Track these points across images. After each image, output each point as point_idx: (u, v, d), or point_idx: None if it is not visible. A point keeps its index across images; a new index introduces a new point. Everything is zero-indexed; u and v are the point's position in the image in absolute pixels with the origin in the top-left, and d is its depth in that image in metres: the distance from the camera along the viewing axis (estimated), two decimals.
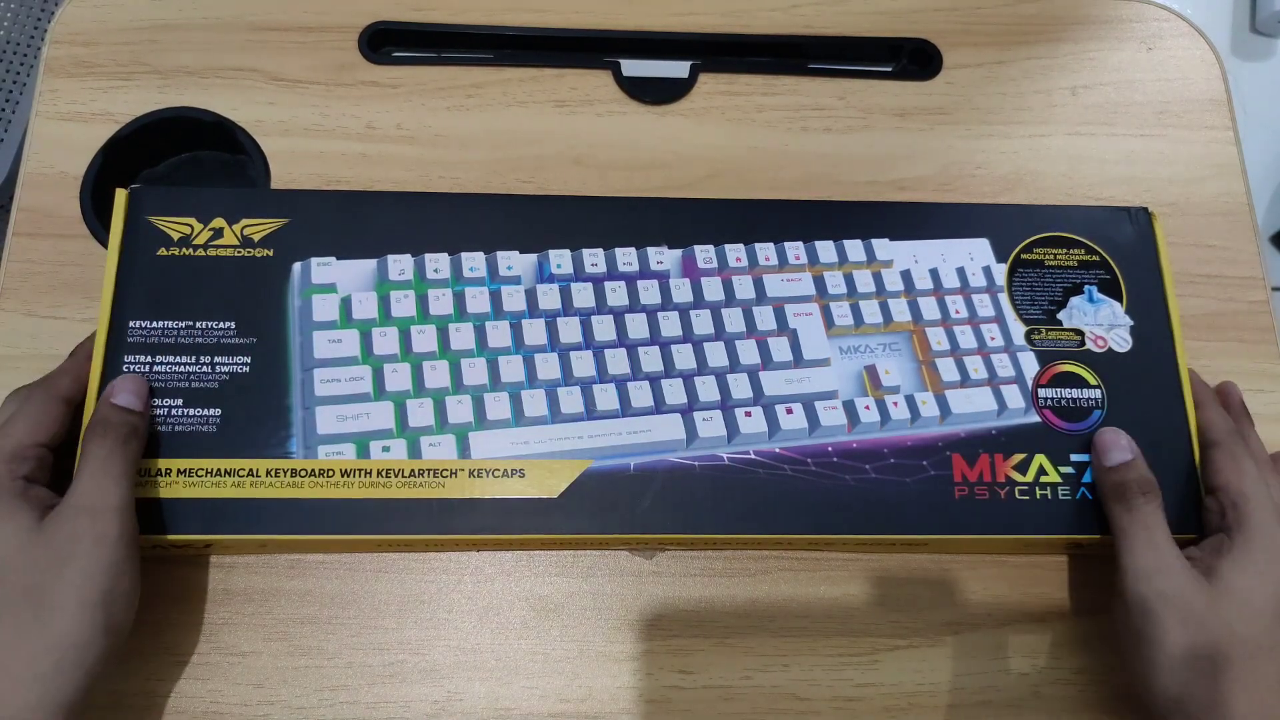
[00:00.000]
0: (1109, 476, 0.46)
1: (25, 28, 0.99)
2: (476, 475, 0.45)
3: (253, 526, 0.44)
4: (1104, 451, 0.47)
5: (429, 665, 0.47)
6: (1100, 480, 0.47)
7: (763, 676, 0.48)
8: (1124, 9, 0.63)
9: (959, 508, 0.46)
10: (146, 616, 0.47)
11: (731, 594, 0.49)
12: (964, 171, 0.58)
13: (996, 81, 0.61)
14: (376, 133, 0.57)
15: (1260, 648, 0.41)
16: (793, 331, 0.49)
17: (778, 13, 0.61)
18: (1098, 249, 0.52)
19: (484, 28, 0.60)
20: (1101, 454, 0.47)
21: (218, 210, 0.49)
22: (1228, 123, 0.60)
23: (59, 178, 0.55)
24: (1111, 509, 0.45)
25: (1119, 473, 0.46)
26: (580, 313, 0.49)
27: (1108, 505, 0.46)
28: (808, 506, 0.46)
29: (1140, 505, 0.44)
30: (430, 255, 0.49)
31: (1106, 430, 0.47)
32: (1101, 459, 0.47)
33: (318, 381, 0.46)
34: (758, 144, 0.58)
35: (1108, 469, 0.46)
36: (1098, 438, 0.47)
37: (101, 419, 0.43)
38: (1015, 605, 0.50)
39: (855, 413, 0.48)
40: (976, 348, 0.50)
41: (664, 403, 0.47)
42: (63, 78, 0.57)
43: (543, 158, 0.57)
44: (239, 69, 0.58)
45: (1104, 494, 0.46)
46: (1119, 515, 0.45)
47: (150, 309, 0.47)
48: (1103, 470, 0.46)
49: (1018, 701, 0.48)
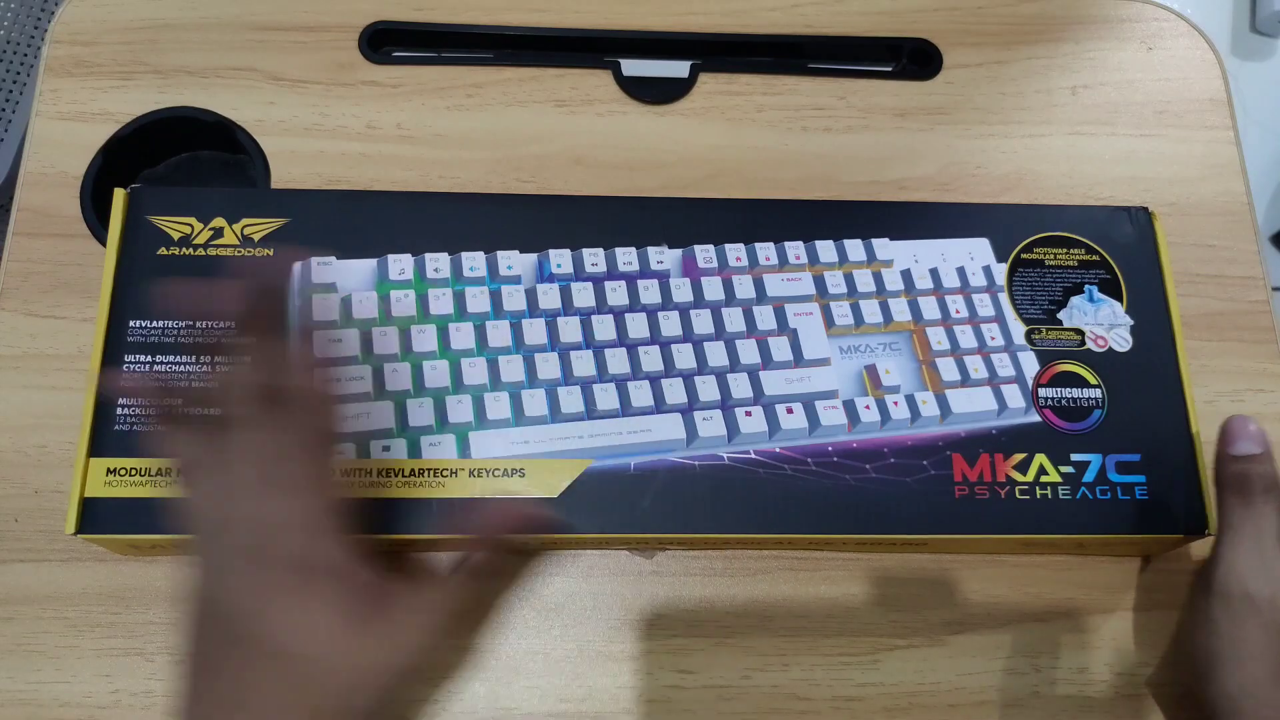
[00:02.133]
0: (1233, 466, 0.44)
1: (25, 28, 0.99)
2: (476, 475, 0.45)
3: None
4: (1232, 439, 0.44)
5: (429, 665, 0.47)
6: (1222, 468, 0.44)
7: (763, 676, 0.48)
8: (1124, 9, 0.63)
9: (959, 507, 0.46)
10: (147, 616, 0.47)
11: (731, 594, 0.49)
12: (964, 171, 0.58)
13: (996, 81, 0.61)
14: (376, 133, 0.57)
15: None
16: (793, 331, 0.49)
17: (778, 13, 0.61)
18: (1098, 249, 0.52)
19: (484, 28, 0.60)
20: (1229, 440, 0.44)
21: (218, 210, 0.49)
22: (1228, 123, 0.60)
23: (59, 178, 0.55)
24: (1227, 499, 0.44)
25: (1244, 464, 0.43)
26: (580, 312, 0.49)
27: (1224, 494, 0.44)
28: (808, 506, 0.46)
29: (1259, 503, 0.43)
30: (430, 255, 0.49)
31: (1237, 417, 0.45)
32: (1228, 446, 0.44)
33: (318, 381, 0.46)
34: (758, 144, 0.58)
35: (1233, 458, 0.44)
36: (1227, 423, 0.44)
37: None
38: (1015, 605, 0.49)
39: (855, 412, 0.48)
40: (977, 347, 0.50)
41: (664, 402, 0.47)
42: (63, 78, 0.57)
43: (543, 157, 0.57)
44: (239, 69, 0.58)
45: (1223, 482, 0.44)
46: (1234, 507, 0.43)
47: (150, 309, 0.47)
48: (1227, 458, 0.44)
49: (1018, 701, 0.48)
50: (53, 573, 0.48)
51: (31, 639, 0.47)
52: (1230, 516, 0.43)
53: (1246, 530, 0.43)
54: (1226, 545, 0.43)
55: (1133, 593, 0.49)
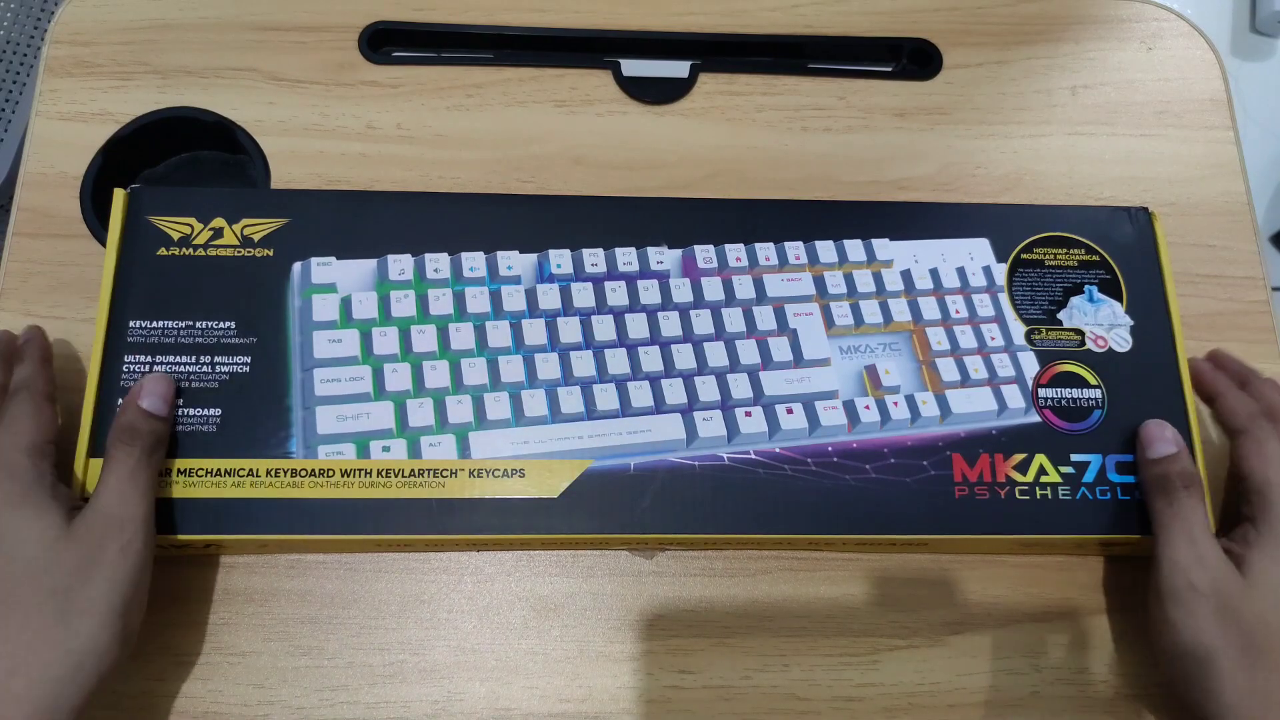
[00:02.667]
0: (1152, 469, 0.46)
1: (25, 28, 0.99)
2: (476, 475, 0.45)
3: (253, 526, 0.44)
4: (1148, 443, 0.46)
5: (429, 665, 0.47)
6: (1143, 472, 0.46)
7: (762, 676, 0.48)
8: (1124, 9, 0.63)
9: (959, 508, 0.46)
10: (147, 616, 0.47)
11: (731, 594, 0.49)
12: (964, 171, 0.58)
13: (996, 81, 0.61)
14: (376, 133, 0.57)
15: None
16: (793, 331, 0.49)
17: (778, 13, 0.61)
18: (1098, 249, 0.52)
19: (484, 28, 0.60)
20: (1146, 446, 0.46)
21: (218, 210, 0.49)
22: (1228, 123, 0.60)
23: (59, 178, 0.55)
24: (1153, 501, 0.45)
25: (1162, 465, 0.45)
26: (580, 312, 0.49)
27: (1149, 497, 0.46)
28: (808, 506, 0.46)
29: (1181, 499, 0.44)
30: (430, 255, 0.49)
31: (1152, 422, 0.47)
32: (1145, 451, 0.46)
33: (318, 381, 0.46)
34: (758, 144, 0.58)
35: (1151, 461, 0.46)
36: (1143, 429, 0.47)
37: (128, 426, 0.43)
38: (1015, 605, 0.49)
39: (855, 413, 0.48)
40: (976, 348, 0.50)
41: (664, 403, 0.47)
42: (63, 78, 0.57)
43: (543, 158, 0.57)
44: (239, 69, 0.58)
45: (1146, 486, 0.46)
46: (1160, 508, 0.45)
47: (150, 309, 0.47)
48: (1146, 462, 0.46)
49: (1018, 701, 0.48)
50: None
51: None
52: (1159, 518, 0.45)
53: (1176, 528, 0.44)
54: (1162, 546, 0.44)
55: (1132, 593, 0.49)
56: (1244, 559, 0.43)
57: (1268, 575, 0.42)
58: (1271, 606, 0.42)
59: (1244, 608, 0.41)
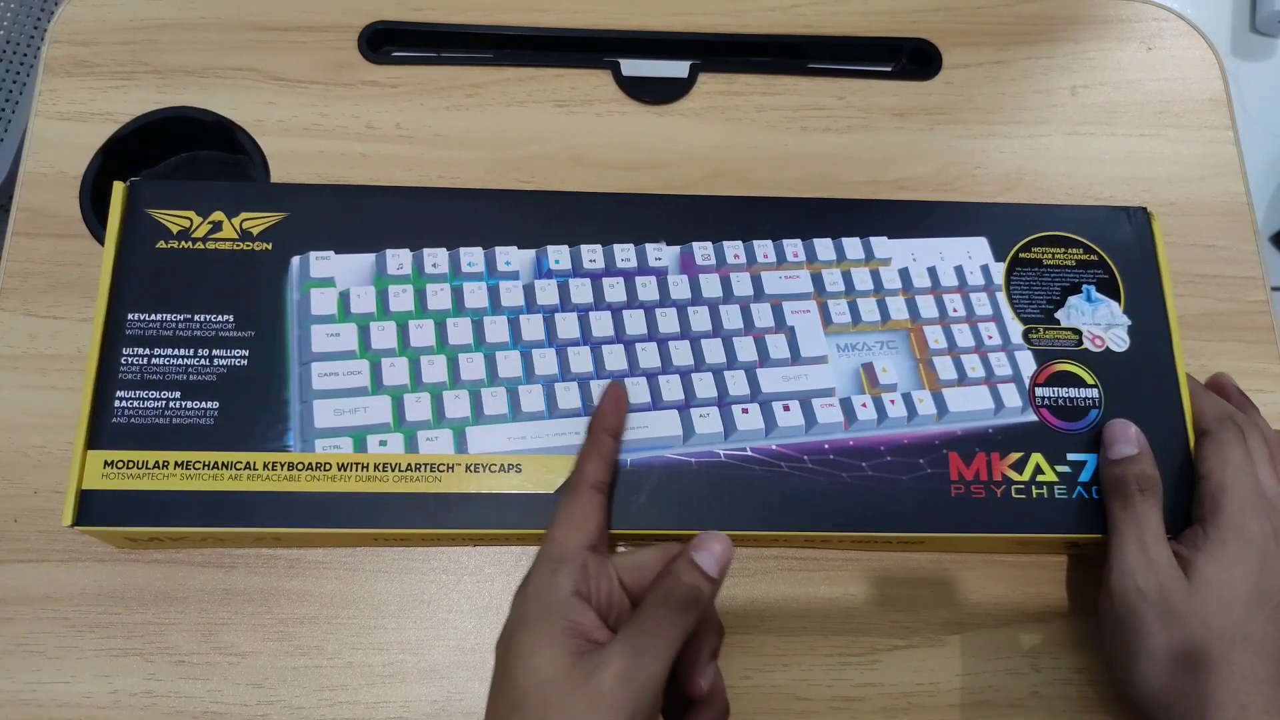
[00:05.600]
0: (1111, 469, 0.46)
1: (25, 28, 0.99)
2: (473, 470, 0.45)
3: (249, 519, 0.44)
4: (1109, 444, 0.46)
5: (429, 665, 0.47)
6: (1102, 472, 0.46)
7: (762, 676, 0.48)
8: (1124, 9, 0.63)
9: (955, 506, 0.46)
10: (146, 616, 0.47)
11: (730, 593, 0.49)
12: (963, 171, 0.58)
13: (996, 81, 0.61)
14: (376, 132, 0.57)
15: (1234, 640, 0.41)
16: (790, 329, 0.49)
17: (778, 13, 0.62)
18: (1096, 248, 0.51)
19: (484, 28, 0.60)
20: (1107, 446, 0.46)
21: (217, 203, 0.49)
22: (1227, 123, 0.60)
23: (59, 178, 0.55)
24: (1109, 503, 0.45)
25: (1121, 466, 0.45)
26: (578, 308, 0.49)
27: (1105, 498, 0.46)
28: (804, 504, 0.46)
29: (1136, 502, 0.44)
30: (429, 250, 0.49)
31: (1116, 421, 0.47)
32: (1106, 451, 0.46)
33: (315, 375, 0.46)
34: (757, 144, 0.58)
35: (1111, 462, 0.46)
36: (1106, 429, 0.47)
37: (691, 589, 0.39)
38: (1015, 605, 0.49)
39: (852, 410, 0.48)
40: (974, 346, 0.50)
41: (661, 399, 0.47)
42: (63, 78, 0.57)
43: (542, 157, 0.57)
44: (239, 69, 0.58)
45: (1104, 486, 0.46)
46: (1115, 510, 0.45)
47: (149, 301, 0.47)
48: (1106, 462, 0.46)
49: (1018, 701, 0.48)
50: (52, 573, 0.48)
51: (31, 639, 0.47)
52: (1113, 519, 0.45)
53: (1129, 531, 0.44)
54: (1114, 547, 0.44)
55: None
56: (1191, 562, 0.43)
57: (1212, 579, 0.42)
58: (1214, 610, 0.41)
59: (1187, 612, 0.41)
